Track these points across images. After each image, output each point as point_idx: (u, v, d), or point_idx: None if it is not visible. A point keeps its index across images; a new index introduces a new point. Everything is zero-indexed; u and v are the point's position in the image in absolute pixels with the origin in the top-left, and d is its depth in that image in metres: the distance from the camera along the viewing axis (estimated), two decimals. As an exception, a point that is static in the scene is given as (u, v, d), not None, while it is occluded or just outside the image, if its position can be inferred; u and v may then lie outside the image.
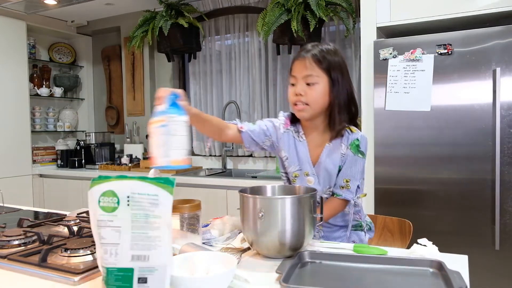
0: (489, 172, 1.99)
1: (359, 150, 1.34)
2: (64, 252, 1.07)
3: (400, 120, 2.15)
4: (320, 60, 1.28)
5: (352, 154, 1.34)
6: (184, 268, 0.91)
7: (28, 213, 1.75)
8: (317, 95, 1.29)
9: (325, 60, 1.28)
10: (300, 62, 1.30)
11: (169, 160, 1.00)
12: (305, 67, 1.28)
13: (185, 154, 1.03)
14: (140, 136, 3.85)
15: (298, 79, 1.31)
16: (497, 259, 1.99)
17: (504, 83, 1.95)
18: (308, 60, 1.28)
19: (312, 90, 1.29)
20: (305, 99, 1.29)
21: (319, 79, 1.29)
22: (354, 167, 1.35)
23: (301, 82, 1.30)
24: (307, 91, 1.29)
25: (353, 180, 1.35)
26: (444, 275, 0.94)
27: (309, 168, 1.38)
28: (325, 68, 1.29)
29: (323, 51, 1.29)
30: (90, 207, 0.79)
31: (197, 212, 1.18)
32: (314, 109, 1.31)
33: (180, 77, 3.87)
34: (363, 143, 1.36)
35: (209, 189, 2.86)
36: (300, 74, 1.30)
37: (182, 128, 1.03)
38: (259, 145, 1.42)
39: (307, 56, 1.29)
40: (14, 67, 3.47)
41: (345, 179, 1.35)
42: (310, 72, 1.28)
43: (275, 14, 2.77)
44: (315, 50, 1.29)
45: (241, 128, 1.38)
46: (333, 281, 0.97)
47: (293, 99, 1.32)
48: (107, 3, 3.55)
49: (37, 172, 3.64)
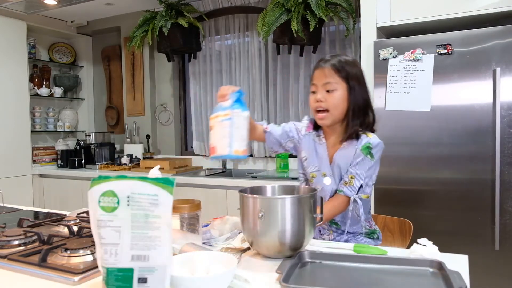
0: (489, 172, 1.99)
1: (370, 152, 1.40)
2: (64, 252, 1.07)
3: (400, 120, 2.15)
4: (338, 69, 1.37)
5: (361, 154, 1.40)
6: (184, 268, 0.91)
7: (28, 213, 1.75)
8: (336, 101, 1.38)
9: (343, 69, 1.38)
10: (320, 71, 1.40)
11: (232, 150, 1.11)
12: (324, 75, 1.38)
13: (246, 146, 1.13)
14: (140, 136, 3.85)
15: (318, 86, 1.40)
16: (497, 259, 1.99)
17: (504, 83, 1.95)
18: (327, 69, 1.38)
19: (331, 96, 1.38)
20: (325, 105, 1.38)
21: (337, 85, 1.38)
22: (361, 166, 1.39)
23: (321, 90, 1.39)
24: (326, 97, 1.38)
25: (357, 178, 1.39)
26: (444, 275, 0.94)
27: (326, 168, 1.45)
28: (343, 76, 1.37)
29: (341, 61, 1.39)
30: (90, 207, 0.79)
31: (197, 212, 1.18)
32: (333, 114, 1.40)
33: (180, 77, 3.87)
34: (376, 147, 1.41)
35: (209, 189, 2.86)
36: (320, 82, 1.39)
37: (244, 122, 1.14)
38: (282, 146, 1.52)
39: (326, 66, 1.39)
40: (14, 67, 3.47)
41: (350, 176, 1.40)
42: (329, 79, 1.37)
43: (275, 14, 2.77)
44: (334, 60, 1.39)
45: (266, 129, 1.50)
46: (333, 281, 0.97)
47: (314, 105, 1.41)
48: (107, 3, 3.55)
49: (37, 172, 3.64)
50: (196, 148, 3.68)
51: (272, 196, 1.26)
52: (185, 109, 3.91)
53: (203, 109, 3.62)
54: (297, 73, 3.21)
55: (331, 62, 1.38)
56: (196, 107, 3.67)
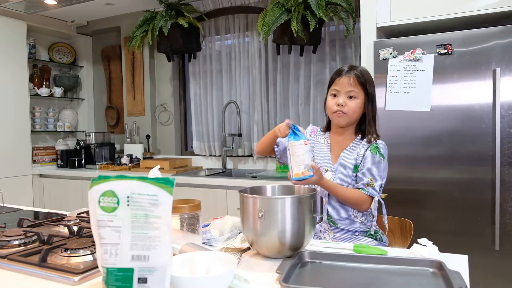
0: (489, 172, 1.99)
1: (380, 153, 1.52)
2: (64, 252, 1.07)
3: (400, 120, 2.15)
4: (361, 81, 1.51)
5: (373, 155, 1.51)
6: (184, 268, 0.91)
7: (28, 213, 1.75)
8: (356, 107, 1.51)
9: (365, 81, 1.52)
10: (346, 79, 1.52)
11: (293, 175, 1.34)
12: (350, 83, 1.51)
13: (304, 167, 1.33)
14: (140, 136, 3.85)
15: (341, 92, 1.52)
16: (497, 259, 1.99)
17: (504, 83, 1.95)
18: (353, 78, 1.51)
19: (352, 102, 1.51)
20: (346, 110, 1.51)
21: (358, 94, 1.51)
22: (377, 168, 1.50)
23: (344, 95, 1.52)
24: (348, 102, 1.51)
25: (377, 180, 1.49)
26: (444, 275, 0.94)
27: (329, 165, 1.56)
28: (364, 86, 1.52)
29: (363, 73, 1.54)
30: (90, 207, 0.79)
31: (197, 212, 1.18)
32: (350, 118, 1.53)
33: (180, 77, 3.87)
34: (383, 148, 1.54)
35: (209, 189, 2.86)
36: (344, 89, 1.51)
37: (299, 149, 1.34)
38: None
39: (351, 75, 1.51)
40: (14, 67, 3.47)
41: (370, 178, 1.49)
42: (353, 88, 1.51)
43: (275, 14, 2.77)
44: (357, 71, 1.53)
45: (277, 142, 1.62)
46: (333, 281, 0.97)
47: (335, 108, 1.53)
48: (107, 3, 3.55)
49: (37, 172, 3.64)
50: (196, 148, 3.68)
51: (272, 196, 1.26)
52: (185, 109, 3.91)
53: (203, 109, 3.62)
54: (297, 73, 3.21)
55: (355, 73, 1.52)
56: (196, 107, 3.67)
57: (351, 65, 1.57)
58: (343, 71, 1.54)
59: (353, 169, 1.52)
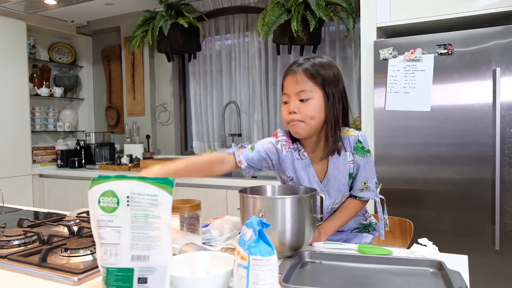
0: (489, 172, 1.99)
1: (365, 150, 1.30)
2: (64, 252, 1.07)
3: (400, 120, 2.15)
4: (312, 74, 1.21)
5: (362, 158, 1.30)
6: (184, 268, 0.91)
7: (28, 213, 1.75)
8: (312, 111, 1.21)
9: (318, 74, 1.21)
10: (291, 78, 1.23)
11: None
12: (297, 82, 1.21)
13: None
14: (140, 136, 3.85)
15: (291, 96, 1.23)
16: (497, 259, 1.99)
17: (504, 83, 1.95)
18: (299, 75, 1.21)
19: (306, 106, 1.21)
20: (299, 117, 1.22)
21: (312, 93, 1.21)
22: (367, 168, 1.32)
23: (294, 99, 1.23)
24: (300, 108, 1.22)
25: (370, 180, 1.33)
26: (444, 275, 0.94)
27: (316, 185, 1.31)
28: (318, 82, 1.21)
29: (316, 64, 1.22)
30: (90, 207, 0.79)
31: (197, 212, 1.18)
32: (310, 125, 1.23)
33: (180, 77, 3.87)
34: (365, 141, 1.31)
35: (209, 189, 2.86)
36: (292, 91, 1.23)
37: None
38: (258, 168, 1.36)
39: (298, 71, 1.22)
40: (14, 67, 3.47)
41: (363, 182, 1.32)
42: (303, 87, 1.21)
43: (275, 14, 2.77)
44: (307, 64, 1.22)
45: (240, 163, 1.30)
46: (333, 281, 0.97)
47: (287, 118, 1.25)
48: (107, 3, 3.55)
49: (37, 172, 3.64)
50: (196, 148, 3.68)
51: (272, 196, 1.26)
52: (185, 109, 3.91)
53: (203, 109, 3.62)
54: (297, 73, 3.20)
55: (304, 66, 1.21)
56: (196, 107, 3.67)
57: (306, 57, 1.25)
58: (293, 64, 1.24)
59: (349, 177, 1.32)
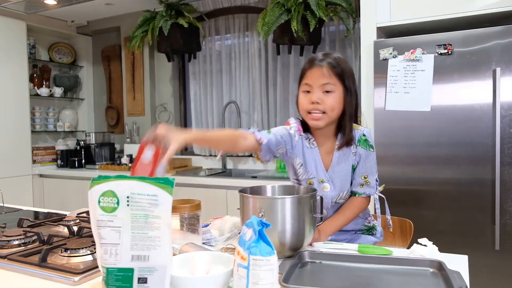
0: (489, 172, 1.99)
1: (369, 145, 1.37)
2: (64, 252, 1.07)
3: (400, 120, 2.15)
4: (336, 69, 1.29)
5: (364, 150, 1.36)
6: (184, 268, 0.91)
7: (28, 213, 1.75)
8: (334, 103, 1.29)
9: (340, 69, 1.29)
10: (317, 70, 1.29)
11: None
12: (323, 75, 1.28)
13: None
14: (140, 136, 3.85)
15: (314, 87, 1.30)
16: (497, 259, 1.99)
17: (504, 83, 1.95)
18: (326, 68, 1.28)
19: (329, 98, 1.29)
20: (322, 107, 1.29)
21: (335, 87, 1.29)
22: (369, 162, 1.37)
23: (318, 90, 1.29)
24: (324, 99, 1.29)
25: (371, 175, 1.37)
26: (444, 275, 0.94)
27: (322, 174, 1.38)
28: (340, 76, 1.29)
29: (337, 59, 1.30)
30: (90, 207, 0.79)
31: (197, 212, 1.18)
32: (330, 117, 1.31)
33: (180, 77, 3.87)
34: (370, 136, 1.38)
35: (209, 189, 2.86)
36: (316, 83, 1.29)
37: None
38: (273, 154, 1.39)
39: (323, 65, 1.29)
40: (14, 67, 3.47)
41: (363, 176, 1.37)
42: (328, 80, 1.28)
43: (275, 14, 2.77)
44: (330, 59, 1.30)
45: (260, 140, 1.33)
46: (333, 281, 0.97)
47: (309, 107, 1.31)
48: (107, 3, 3.54)
49: (37, 172, 3.64)
50: (196, 148, 3.68)
51: (272, 196, 1.26)
52: (185, 109, 3.91)
53: (203, 109, 3.62)
54: (297, 73, 3.19)
55: (328, 61, 1.29)
56: (196, 107, 3.67)
57: (325, 52, 1.34)
58: (315, 59, 1.31)
59: (352, 170, 1.39)
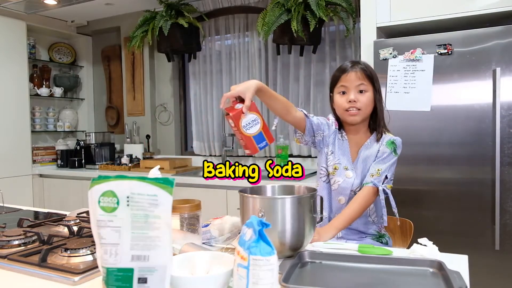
0: (489, 172, 1.99)
1: (395, 149, 1.52)
2: (64, 252, 1.07)
3: (400, 120, 2.15)
4: (367, 72, 1.50)
5: (388, 150, 1.51)
6: (184, 268, 0.91)
7: (28, 213, 1.75)
8: (368, 101, 1.49)
9: (371, 73, 1.50)
10: (353, 74, 1.49)
11: None
12: (358, 77, 1.48)
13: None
14: (140, 136, 3.85)
15: (350, 88, 1.49)
16: (497, 259, 1.99)
17: (504, 83, 1.95)
18: (360, 72, 1.49)
19: (364, 96, 1.49)
20: (359, 105, 1.48)
21: (367, 87, 1.49)
22: (386, 161, 1.50)
23: (354, 91, 1.48)
24: (359, 98, 1.48)
25: (383, 171, 1.49)
26: (444, 275, 0.94)
27: (348, 163, 1.55)
28: (372, 79, 1.50)
29: (367, 66, 1.52)
30: (90, 207, 0.79)
31: (197, 212, 1.18)
32: (365, 113, 1.50)
33: (180, 77, 3.87)
34: (399, 145, 1.54)
35: (209, 189, 2.86)
36: (352, 84, 1.48)
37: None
38: (313, 137, 1.57)
39: (357, 69, 1.49)
40: (14, 67, 3.47)
41: (377, 169, 1.49)
42: (362, 81, 1.48)
43: (275, 14, 2.77)
44: (362, 65, 1.51)
45: (308, 114, 1.54)
46: (333, 281, 0.97)
47: (346, 106, 1.49)
48: (107, 3, 3.54)
49: (37, 172, 3.64)
50: (196, 148, 3.68)
51: (272, 196, 1.26)
52: (185, 109, 3.91)
53: (203, 109, 3.62)
54: (297, 73, 3.20)
55: (361, 67, 1.50)
56: (196, 107, 3.67)
57: (353, 61, 1.55)
58: (347, 66, 1.52)
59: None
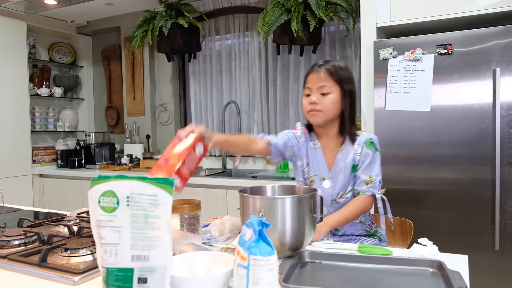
0: (489, 172, 1.99)
1: (376, 148, 1.47)
2: (64, 252, 1.07)
3: (400, 120, 2.15)
4: (333, 73, 1.43)
5: (371, 152, 1.45)
6: (184, 268, 0.91)
7: (28, 213, 1.75)
8: (330, 103, 1.43)
9: (337, 73, 1.43)
10: (315, 75, 1.44)
11: None
12: (320, 78, 1.43)
13: None
14: (140, 136, 3.85)
15: (313, 90, 1.44)
16: (497, 259, 1.99)
17: (504, 83, 1.95)
18: (323, 73, 1.43)
19: (325, 98, 1.43)
20: (319, 107, 1.43)
21: (332, 89, 1.43)
22: (374, 164, 1.45)
23: (316, 92, 1.44)
24: (321, 99, 1.43)
25: (375, 176, 1.45)
26: (444, 275, 0.94)
27: (325, 172, 1.49)
28: (337, 80, 1.43)
29: (335, 66, 1.45)
30: (90, 207, 0.79)
31: (197, 212, 1.18)
32: (326, 115, 1.44)
33: (180, 77, 3.87)
34: (377, 142, 1.49)
35: (209, 189, 2.86)
36: (315, 85, 1.44)
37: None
38: (283, 156, 1.54)
39: (321, 70, 1.44)
40: (14, 67, 3.47)
41: (368, 175, 1.44)
42: (324, 83, 1.43)
43: (275, 14, 2.77)
44: (328, 65, 1.45)
45: (270, 142, 1.51)
46: (333, 281, 0.97)
47: (308, 107, 1.45)
48: (107, 3, 3.54)
49: (37, 172, 3.64)
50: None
51: (272, 196, 1.26)
52: (185, 109, 3.91)
53: (203, 109, 3.62)
54: (297, 73, 3.20)
55: (326, 67, 1.44)
56: (196, 107, 3.67)
57: (326, 60, 1.50)
58: (314, 66, 1.47)
59: (352, 170, 1.46)
